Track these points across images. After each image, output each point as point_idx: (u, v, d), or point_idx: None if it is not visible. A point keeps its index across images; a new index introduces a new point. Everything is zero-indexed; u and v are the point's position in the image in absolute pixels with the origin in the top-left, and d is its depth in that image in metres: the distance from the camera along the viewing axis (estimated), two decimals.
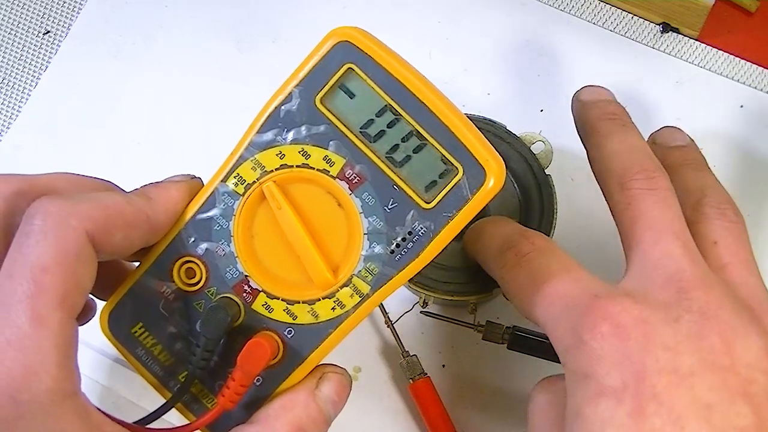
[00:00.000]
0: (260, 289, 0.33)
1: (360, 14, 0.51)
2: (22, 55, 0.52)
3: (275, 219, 0.33)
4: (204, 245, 0.33)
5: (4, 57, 0.53)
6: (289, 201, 0.33)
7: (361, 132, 0.32)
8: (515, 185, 0.42)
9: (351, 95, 0.32)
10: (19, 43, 0.53)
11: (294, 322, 0.33)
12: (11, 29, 0.53)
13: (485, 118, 0.43)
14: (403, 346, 0.44)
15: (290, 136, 0.33)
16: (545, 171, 0.42)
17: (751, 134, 0.48)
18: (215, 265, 0.33)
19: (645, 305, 0.30)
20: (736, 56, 0.49)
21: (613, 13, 0.50)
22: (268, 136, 0.33)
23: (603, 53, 0.49)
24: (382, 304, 0.44)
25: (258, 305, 0.33)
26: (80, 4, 0.52)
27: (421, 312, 0.45)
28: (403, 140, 0.32)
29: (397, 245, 0.32)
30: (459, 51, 0.50)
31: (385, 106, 0.32)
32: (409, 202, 0.32)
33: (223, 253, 0.33)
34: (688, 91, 0.49)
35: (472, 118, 0.43)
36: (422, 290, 0.41)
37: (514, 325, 0.43)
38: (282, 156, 0.33)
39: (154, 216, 0.32)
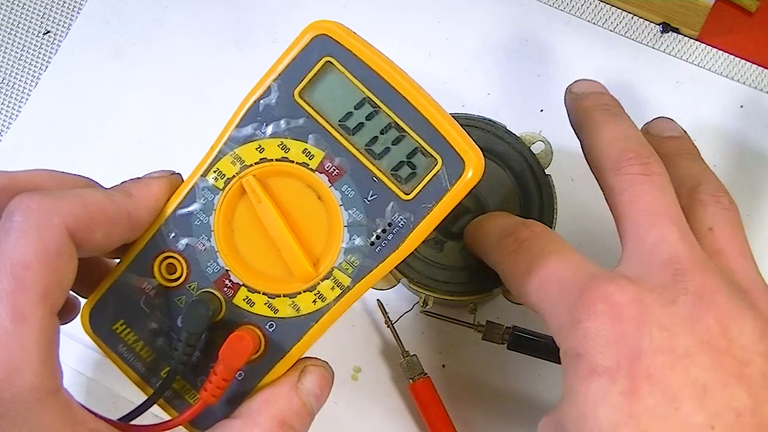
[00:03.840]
0: (241, 284, 0.33)
1: (360, 14, 0.52)
2: (22, 55, 0.52)
3: (255, 213, 0.33)
4: (184, 240, 0.33)
5: (4, 57, 0.53)
6: (269, 195, 0.33)
7: (339, 125, 0.32)
8: (515, 185, 0.43)
9: (329, 88, 0.32)
10: (19, 43, 0.53)
11: (275, 315, 0.33)
12: (11, 29, 0.53)
13: (485, 118, 0.43)
14: (403, 346, 0.44)
15: (269, 129, 0.33)
16: (545, 171, 0.42)
17: (751, 134, 0.48)
18: (196, 260, 0.33)
19: (641, 286, 0.31)
20: (736, 56, 0.49)
21: (613, 13, 0.50)
22: (248, 130, 0.33)
23: (603, 53, 0.49)
24: (382, 304, 0.44)
25: (239, 299, 0.33)
26: (80, 4, 0.52)
27: (421, 312, 0.45)
28: (381, 132, 0.32)
29: (377, 237, 0.32)
30: (459, 51, 0.50)
31: (364, 98, 0.32)
32: (388, 193, 0.32)
33: (204, 247, 0.33)
34: (688, 91, 0.49)
35: (472, 118, 0.43)
36: (422, 290, 0.41)
37: (514, 325, 0.43)
38: (261, 150, 0.33)
39: (135, 212, 0.32)
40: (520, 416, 0.45)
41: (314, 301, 0.33)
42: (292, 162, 0.33)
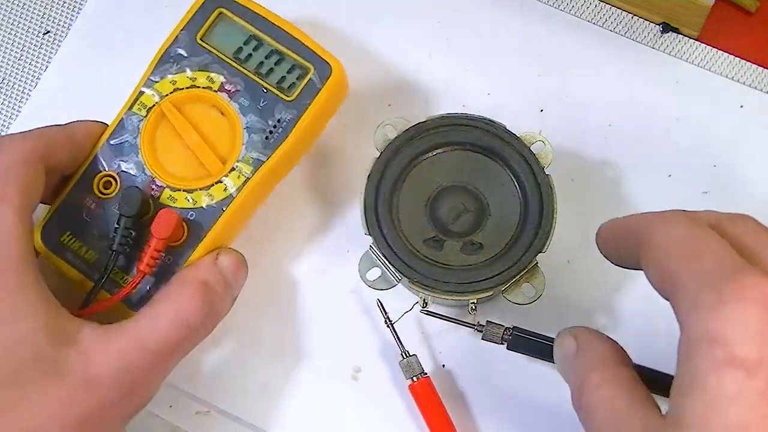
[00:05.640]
0: (165, 186, 0.44)
1: (360, 14, 0.52)
2: (22, 55, 0.53)
3: (173, 132, 0.44)
4: (117, 160, 0.45)
5: (4, 57, 0.54)
6: (184, 116, 0.45)
7: (234, 57, 0.46)
8: (515, 185, 0.43)
9: (223, 31, 0.46)
10: (19, 43, 0.53)
11: (194, 206, 0.43)
12: (11, 29, 0.54)
13: (485, 118, 0.43)
14: (403, 346, 0.45)
15: (179, 67, 0.45)
16: (545, 171, 0.42)
17: (751, 134, 0.48)
18: (128, 174, 0.44)
19: None
20: (736, 56, 0.51)
21: (613, 13, 0.51)
22: (162, 70, 0.46)
23: (603, 53, 0.51)
24: (382, 304, 0.45)
25: (164, 198, 0.44)
26: (80, 4, 0.54)
27: (421, 312, 0.45)
28: (266, 58, 0.46)
29: (270, 132, 0.44)
30: (459, 51, 0.51)
31: (250, 35, 0.46)
32: (275, 99, 0.44)
33: (133, 163, 0.45)
34: (688, 91, 0.50)
35: (472, 118, 0.43)
36: (422, 290, 0.42)
37: (514, 325, 0.44)
38: (174, 83, 0.45)
39: (78, 138, 0.44)
40: (520, 416, 0.45)
41: (225, 189, 0.43)
42: (199, 87, 0.45)
